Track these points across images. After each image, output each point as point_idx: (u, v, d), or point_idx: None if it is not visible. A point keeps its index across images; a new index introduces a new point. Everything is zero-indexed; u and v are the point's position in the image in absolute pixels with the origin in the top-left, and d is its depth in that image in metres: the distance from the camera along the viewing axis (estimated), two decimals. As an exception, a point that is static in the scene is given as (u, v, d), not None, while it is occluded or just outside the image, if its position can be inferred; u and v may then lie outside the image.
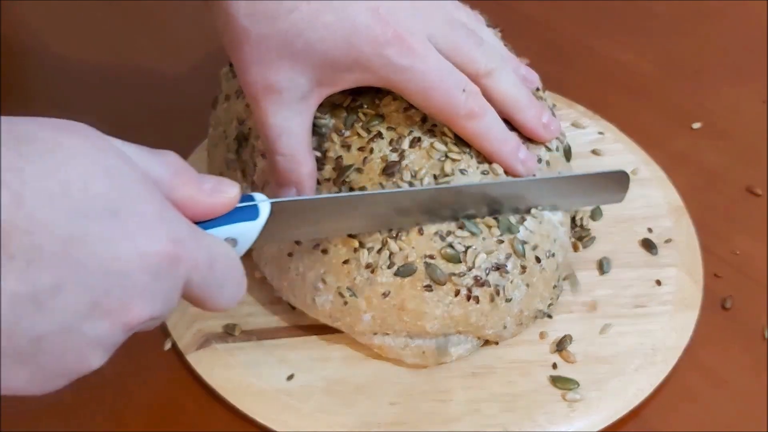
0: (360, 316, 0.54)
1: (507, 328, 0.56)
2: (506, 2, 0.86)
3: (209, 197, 0.43)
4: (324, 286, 0.55)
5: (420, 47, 0.52)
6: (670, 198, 0.66)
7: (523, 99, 0.57)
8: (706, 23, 0.85)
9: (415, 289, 0.53)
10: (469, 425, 0.53)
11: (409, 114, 0.56)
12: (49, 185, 0.35)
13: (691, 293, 0.60)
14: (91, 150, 0.38)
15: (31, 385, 0.37)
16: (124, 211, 0.37)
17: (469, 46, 0.55)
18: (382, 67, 0.52)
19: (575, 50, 0.82)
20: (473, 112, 0.54)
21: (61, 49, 0.85)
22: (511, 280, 0.54)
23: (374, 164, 0.55)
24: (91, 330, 0.37)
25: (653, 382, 0.56)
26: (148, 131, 0.75)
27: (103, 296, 0.37)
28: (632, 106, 0.76)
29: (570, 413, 0.54)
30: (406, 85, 0.53)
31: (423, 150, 0.55)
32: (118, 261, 0.37)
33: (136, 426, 0.55)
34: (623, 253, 0.62)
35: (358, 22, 0.51)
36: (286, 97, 0.53)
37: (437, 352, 0.55)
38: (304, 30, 0.51)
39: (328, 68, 0.52)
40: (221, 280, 0.42)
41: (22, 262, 0.34)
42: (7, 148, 0.35)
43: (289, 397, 0.55)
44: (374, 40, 0.51)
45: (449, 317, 0.54)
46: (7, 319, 0.35)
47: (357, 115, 0.56)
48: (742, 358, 0.58)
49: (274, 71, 0.52)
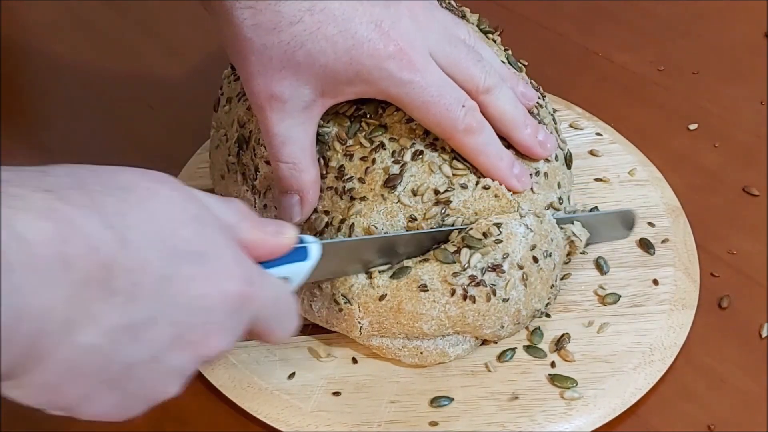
0: (355, 321, 0.55)
1: (504, 327, 0.56)
2: (504, 3, 0.86)
3: (273, 239, 0.46)
4: (320, 293, 0.55)
5: (421, 61, 0.53)
6: (667, 198, 0.67)
7: (519, 117, 0.57)
8: (703, 24, 0.85)
9: (410, 290, 0.54)
10: (469, 424, 0.53)
11: (412, 126, 0.56)
12: (148, 229, 0.39)
13: (688, 293, 0.61)
14: (180, 200, 0.41)
15: (116, 410, 0.41)
16: (208, 254, 0.41)
17: (468, 62, 0.55)
18: (383, 80, 0.53)
19: (573, 51, 0.83)
20: (471, 128, 0.55)
21: (61, 49, 0.85)
22: (508, 280, 0.55)
23: (376, 175, 0.55)
24: (174, 360, 0.41)
25: (651, 381, 0.56)
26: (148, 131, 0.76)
27: (187, 330, 0.40)
28: (630, 107, 0.76)
29: (568, 411, 0.54)
30: (406, 99, 0.53)
31: (425, 164, 0.55)
32: (203, 299, 0.40)
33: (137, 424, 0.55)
34: (621, 253, 0.63)
35: (359, 35, 0.52)
36: (289, 107, 0.53)
37: (435, 353, 0.56)
38: (305, 41, 0.51)
39: (329, 80, 0.53)
40: (280, 316, 0.46)
41: (122, 298, 0.38)
42: (111, 195, 0.39)
43: (290, 395, 0.55)
44: (375, 54, 0.52)
45: (446, 317, 0.54)
46: (106, 348, 0.38)
47: (360, 125, 0.57)
48: (738, 356, 0.59)
49: (277, 81, 0.53)
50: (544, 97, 0.64)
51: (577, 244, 0.59)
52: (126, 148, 0.74)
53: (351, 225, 0.54)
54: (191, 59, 0.82)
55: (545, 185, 0.58)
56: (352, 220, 0.55)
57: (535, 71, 0.65)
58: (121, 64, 0.82)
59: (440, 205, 0.54)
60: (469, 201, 0.55)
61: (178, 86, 0.80)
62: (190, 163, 0.70)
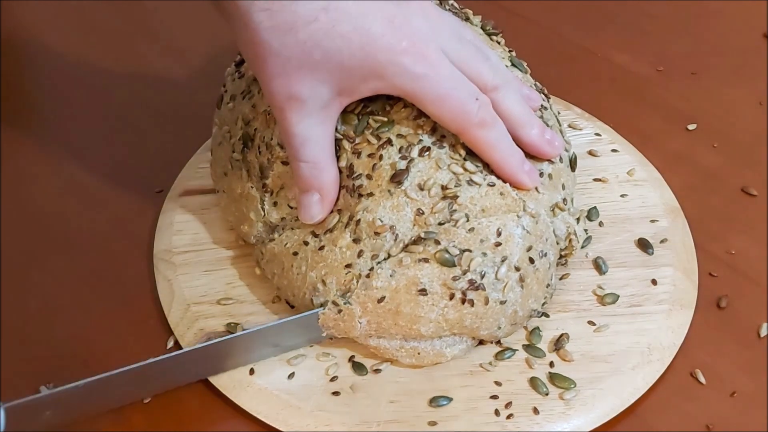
0: (355, 322, 0.55)
1: (501, 328, 0.56)
2: (504, 3, 0.86)
3: None
4: (323, 288, 0.55)
5: (434, 56, 0.53)
6: (665, 198, 0.67)
7: (527, 116, 0.58)
8: (702, 25, 0.85)
9: (409, 293, 0.54)
10: (468, 424, 0.54)
11: (419, 122, 0.56)
12: None
13: (687, 292, 0.61)
14: None
15: None
16: None
17: (477, 60, 0.56)
18: (397, 75, 0.53)
19: (572, 52, 0.83)
20: (485, 121, 0.55)
21: (61, 49, 0.85)
22: (506, 282, 0.55)
23: (383, 171, 0.55)
24: None
25: (649, 381, 0.56)
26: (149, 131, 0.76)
27: None
28: (628, 107, 0.76)
29: (567, 411, 0.54)
30: (420, 93, 0.54)
31: (432, 160, 0.55)
32: None
33: (137, 424, 0.56)
34: (619, 253, 0.63)
35: (373, 31, 0.52)
36: (308, 107, 0.54)
37: (432, 353, 0.56)
38: (321, 40, 0.52)
39: (346, 77, 0.53)
40: None
41: None
42: None
43: (290, 395, 0.55)
44: (389, 49, 0.52)
45: (444, 320, 0.54)
46: None
47: (367, 122, 0.57)
48: (737, 356, 0.59)
49: (296, 82, 0.53)
50: (549, 99, 0.64)
51: (574, 244, 0.59)
52: (126, 148, 0.74)
53: (357, 221, 0.55)
54: (192, 59, 0.82)
55: (550, 186, 0.58)
56: (358, 216, 0.55)
57: (535, 71, 0.65)
58: (121, 63, 0.82)
59: (447, 200, 0.55)
60: (476, 197, 0.55)
61: (178, 86, 0.80)
62: (191, 163, 0.70)
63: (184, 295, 0.60)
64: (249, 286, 0.61)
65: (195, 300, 0.60)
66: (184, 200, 0.67)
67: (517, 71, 0.63)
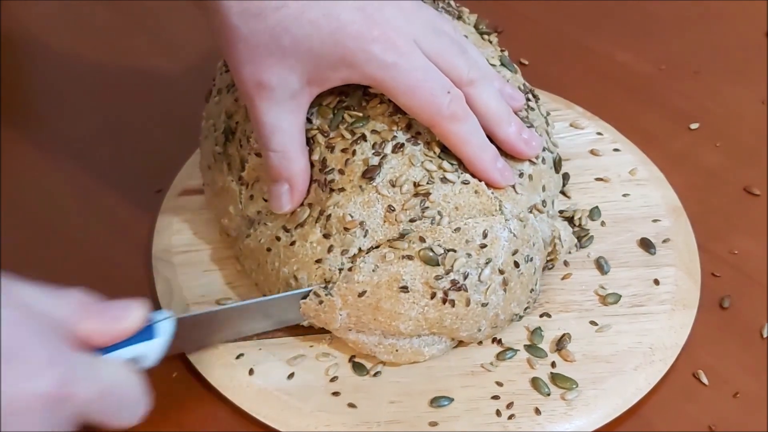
0: (335, 314, 0.54)
1: (481, 330, 0.56)
2: (505, 2, 0.86)
3: (112, 325, 0.46)
4: (296, 284, 0.55)
5: (405, 46, 0.53)
6: (668, 198, 0.67)
7: (503, 113, 0.57)
8: (705, 24, 0.85)
9: (391, 289, 0.54)
10: (468, 424, 0.53)
11: (395, 119, 0.56)
12: None
13: (690, 292, 0.61)
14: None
15: None
16: (18, 357, 0.41)
17: (453, 53, 0.55)
18: (367, 62, 0.52)
19: (574, 50, 0.83)
20: (456, 115, 0.54)
21: (61, 49, 0.85)
22: (489, 285, 0.54)
23: (355, 167, 0.55)
24: None
25: (651, 381, 0.56)
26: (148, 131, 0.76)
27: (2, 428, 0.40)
28: (631, 106, 0.76)
29: (569, 412, 0.54)
30: (390, 83, 0.53)
31: (405, 156, 0.55)
32: (12, 401, 0.40)
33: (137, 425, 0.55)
34: (621, 253, 0.63)
35: (343, 18, 0.52)
36: (277, 95, 0.53)
37: (410, 351, 0.56)
38: (290, 26, 0.51)
39: (315, 65, 0.53)
40: (118, 404, 0.45)
41: None
42: None
43: (290, 396, 0.55)
44: (360, 37, 0.52)
45: (423, 319, 0.54)
46: None
47: (342, 116, 0.57)
48: (740, 357, 0.59)
49: (264, 69, 0.53)
50: (537, 100, 0.64)
51: (559, 248, 0.59)
52: (126, 148, 0.74)
53: (328, 216, 0.54)
54: (191, 59, 0.82)
55: (529, 187, 0.58)
56: (329, 211, 0.54)
57: (536, 70, 0.65)
58: (121, 64, 0.82)
59: (419, 197, 0.54)
60: (450, 195, 0.55)
61: (178, 86, 0.80)
62: (190, 163, 0.70)
63: (184, 294, 0.60)
64: (248, 286, 0.61)
65: (194, 300, 0.60)
66: (183, 200, 0.67)
67: (506, 71, 0.62)
